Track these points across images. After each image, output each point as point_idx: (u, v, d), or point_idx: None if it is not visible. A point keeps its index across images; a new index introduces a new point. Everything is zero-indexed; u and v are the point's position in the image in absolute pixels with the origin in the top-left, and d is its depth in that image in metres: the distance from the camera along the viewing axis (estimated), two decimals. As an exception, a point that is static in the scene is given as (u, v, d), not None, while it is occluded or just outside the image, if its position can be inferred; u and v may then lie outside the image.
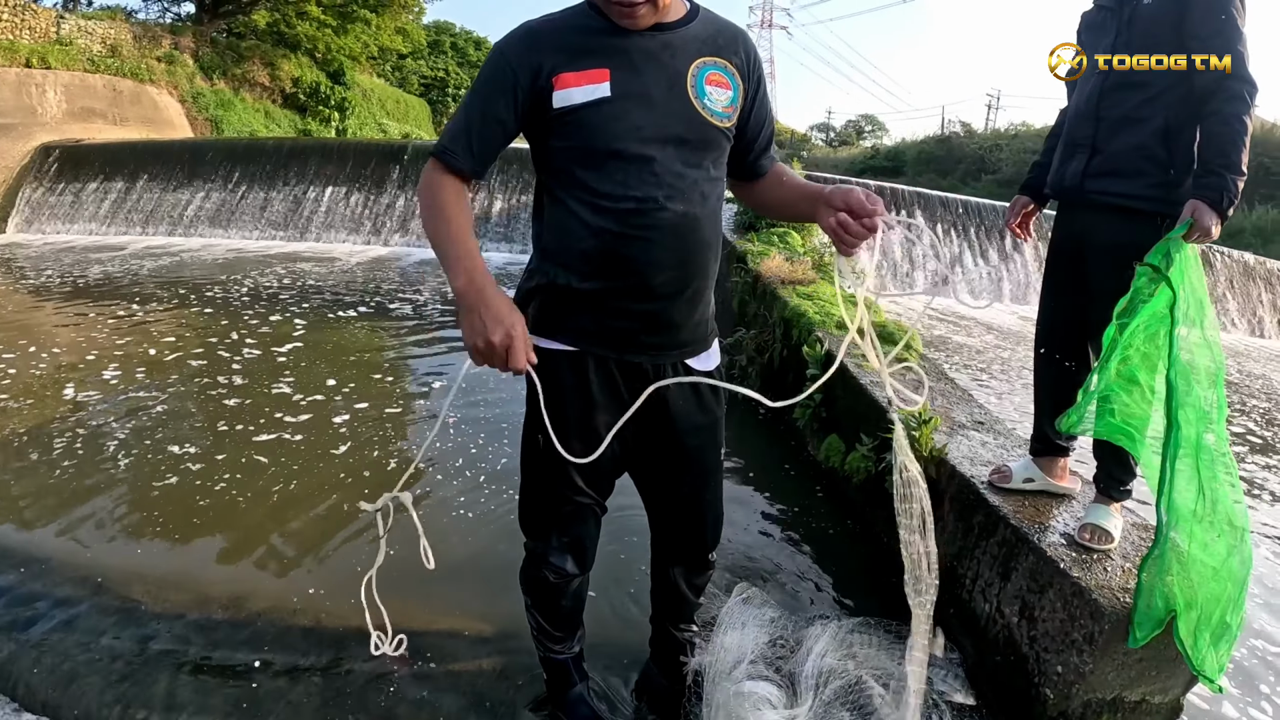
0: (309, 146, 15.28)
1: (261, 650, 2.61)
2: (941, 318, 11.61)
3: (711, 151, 1.83)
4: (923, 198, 14.81)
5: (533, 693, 2.48)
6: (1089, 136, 2.65)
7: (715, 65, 1.80)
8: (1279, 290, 17.26)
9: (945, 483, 3.14)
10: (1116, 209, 2.57)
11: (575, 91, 1.68)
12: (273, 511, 3.47)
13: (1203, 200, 2.29)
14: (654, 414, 1.93)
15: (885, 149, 51.38)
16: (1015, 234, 3.04)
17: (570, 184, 1.76)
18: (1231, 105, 2.32)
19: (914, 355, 4.41)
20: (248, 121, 25.03)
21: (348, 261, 10.97)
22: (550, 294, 1.84)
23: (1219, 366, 2.16)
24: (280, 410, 4.65)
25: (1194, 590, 2.14)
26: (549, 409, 1.81)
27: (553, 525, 2.08)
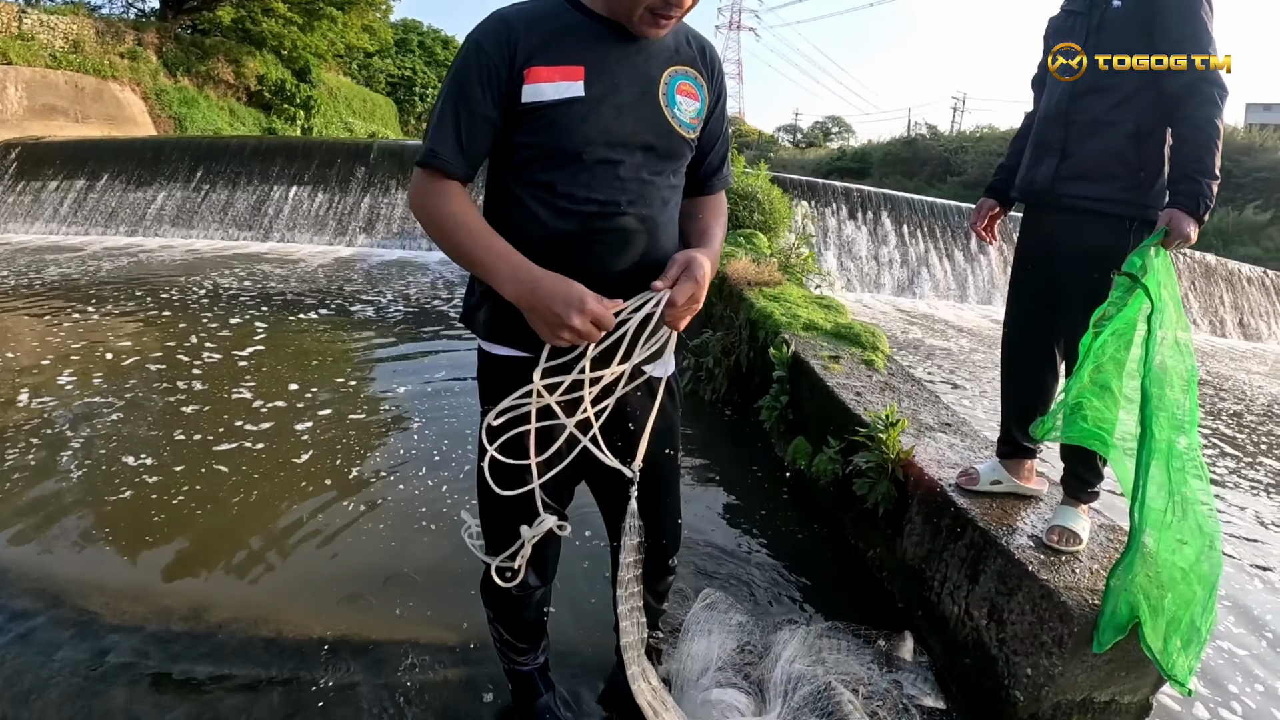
0: (273, 145, 15.08)
1: (222, 663, 2.54)
2: (915, 321, 11.68)
3: (675, 161, 1.81)
4: (889, 199, 14.92)
5: (499, 704, 2.44)
6: (1060, 140, 2.64)
7: (686, 75, 1.78)
8: (1240, 290, 17.64)
9: (912, 485, 3.13)
10: (1087, 212, 2.57)
11: (547, 87, 1.61)
12: (233, 522, 3.38)
13: (1179, 208, 2.30)
14: (614, 422, 1.90)
15: (852, 150, 51.89)
16: (981, 236, 3.03)
17: (530, 183, 1.69)
18: (1204, 110, 2.33)
19: (880, 357, 4.41)
20: (212, 119, 24.74)
21: (311, 262, 10.83)
22: (499, 299, 1.73)
23: (1191, 371, 2.17)
24: (241, 418, 4.55)
25: (1162, 595, 2.15)
26: (507, 419, 1.78)
27: (515, 539, 2.02)
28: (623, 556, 1.98)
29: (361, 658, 2.59)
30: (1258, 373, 12.97)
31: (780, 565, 3.44)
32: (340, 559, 3.16)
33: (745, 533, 3.75)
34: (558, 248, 1.68)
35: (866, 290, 13.58)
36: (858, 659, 2.65)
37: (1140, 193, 2.48)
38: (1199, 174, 2.30)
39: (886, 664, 2.68)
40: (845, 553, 3.59)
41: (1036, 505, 2.90)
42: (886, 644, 2.78)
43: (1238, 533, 4.93)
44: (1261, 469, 6.78)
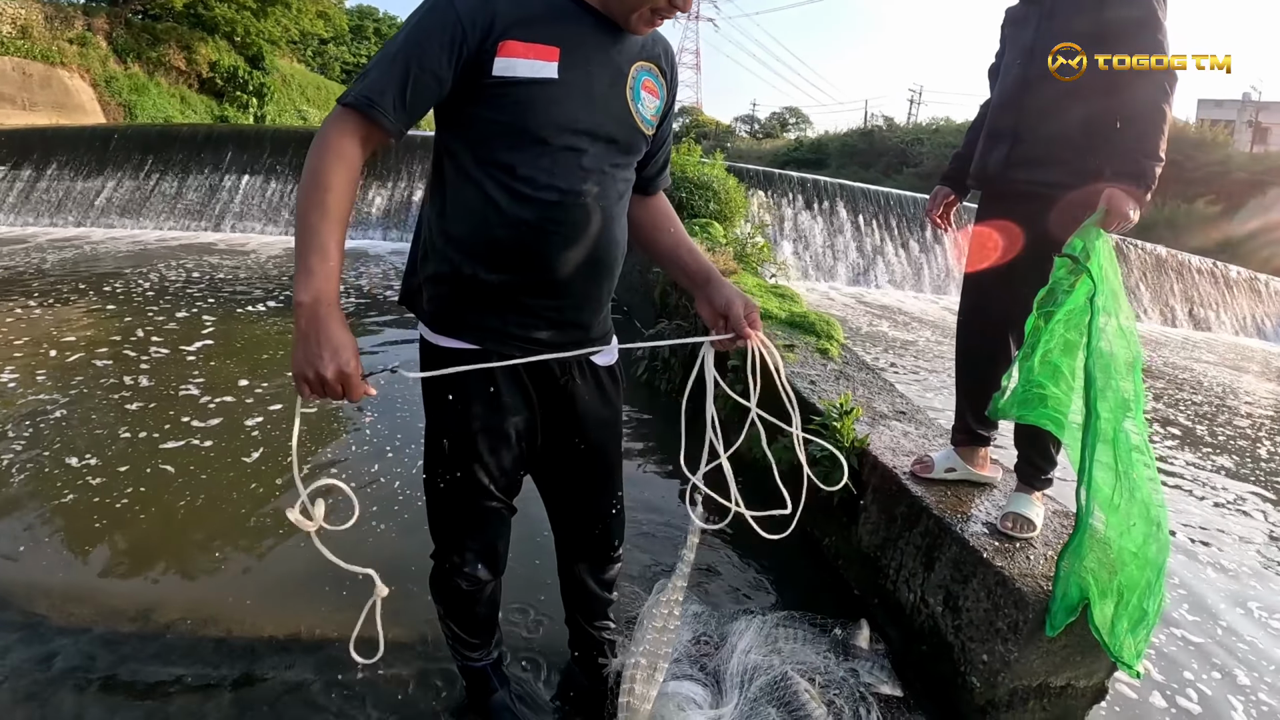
0: (225, 133, 14.83)
1: (171, 664, 2.48)
2: (870, 310, 11.74)
3: (633, 155, 1.78)
4: (844, 189, 15.02)
5: (454, 700, 2.40)
6: (1011, 126, 2.65)
7: (650, 72, 1.76)
8: (1189, 281, 18.04)
9: (867, 473, 3.13)
10: (1037, 197, 2.57)
11: (520, 63, 1.55)
12: (180, 522, 3.30)
13: (1119, 186, 2.29)
14: (561, 412, 1.89)
15: (809, 141, 52.18)
16: (936, 224, 3.03)
17: (488, 162, 1.62)
18: (1151, 93, 2.33)
19: (835, 345, 4.40)
20: (163, 107, 24.27)
21: (262, 253, 10.63)
22: (452, 285, 1.71)
23: (1136, 356, 2.18)
24: (189, 414, 4.45)
25: (1111, 577, 2.16)
26: (455, 413, 1.76)
27: (465, 533, 1.98)
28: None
29: (313, 655, 2.54)
30: (1207, 361, 13.21)
31: (736, 555, 3.43)
32: (290, 557, 3.10)
33: (703, 523, 3.71)
34: (513, 234, 1.64)
35: (822, 280, 13.65)
36: (814, 648, 2.64)
37: (1092, 178, 2.46)
38: (1142, 154, 2.30)
39: (843, 653, 2.67)
40: (801, 541, 3.58)
41: (991, 493, 2.92)
42: (843, 633, 2.78)
43: (1190, 519, 5.01)
44: (1212, 456, 6.91)
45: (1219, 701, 2.99)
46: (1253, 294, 19.65)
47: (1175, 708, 2.92)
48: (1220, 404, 9.45)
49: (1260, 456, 7.23)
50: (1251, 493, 5.95)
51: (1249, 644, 3.47)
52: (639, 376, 5.53)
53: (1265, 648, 3.48)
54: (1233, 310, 18.81)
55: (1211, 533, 4.83)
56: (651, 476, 4.20)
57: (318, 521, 1.58)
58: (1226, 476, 6.28)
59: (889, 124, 49.09)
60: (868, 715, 2.42)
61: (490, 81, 1.55)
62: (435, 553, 2.05)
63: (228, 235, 12.24)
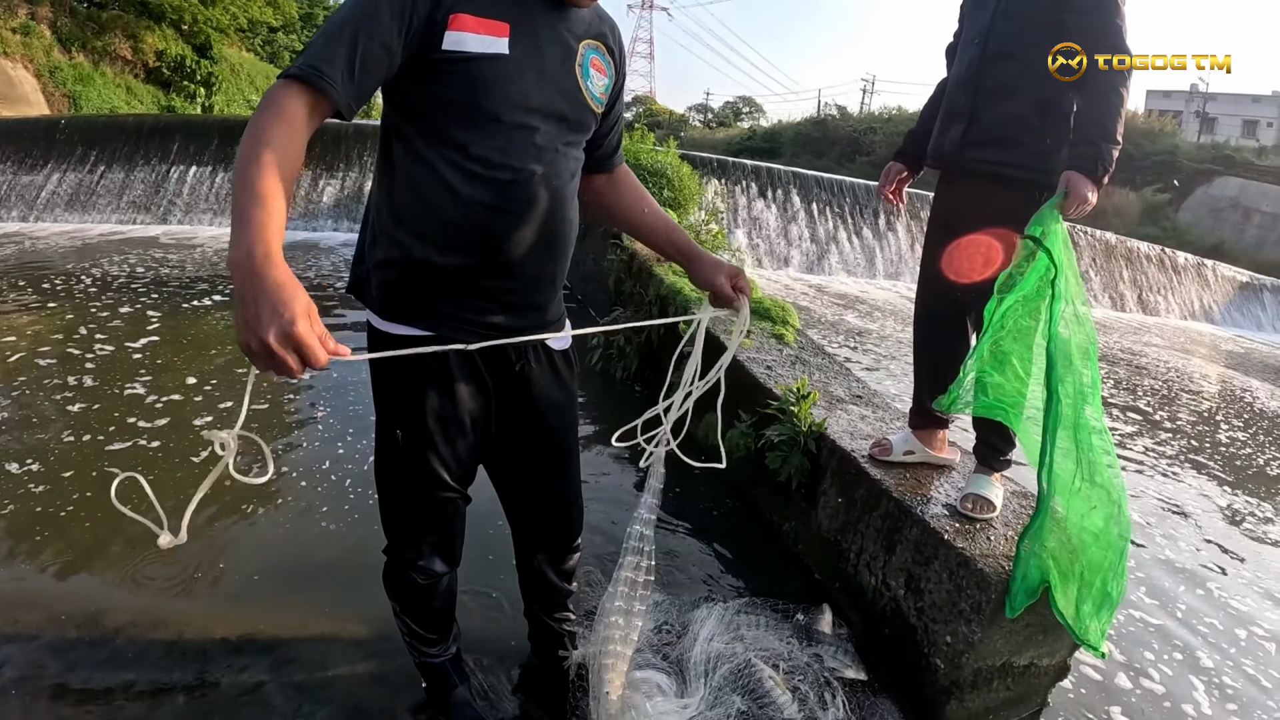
0: (172, 123, 14.43)
1: (122, 669, 2.41)
2: (824, 296, 11.79)
3: (583, 133, 1.76)
4: (798, 177, 15.07)
5: (413, 698, 2.35)
6: (968, 105, 2.64)
7: (598, 50, 1.74)
8: (1139, 268, 18.44)
9: (826, 457, 3.12)
10: (993, 177, 2.57)
11: (471, 38, 1.50)
12: (127, 525, 3.18)
13: (1077, 169, 2.29)
14: (516, 397, 1.86)
15: (762, 130, 52.51)
16: (888, 200, 3.01)
17: (440, 142, 1.57)
18: (1109, 78, 2.33)
19: (791, 331, 4.39)
20: (108, 98, 23.68)
21: (209, 246, 10.37)
22: (404, 269, 1.66)
23: (1091, 342, 2.18)
24: (135, 414, 4.31)
25: (1073, 560, 2.17)
26: (407, 401, 1.72)
27: (420, 525, 1.94)
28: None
29: (267, 656, 2.48)
30: (1155, 345, 13.45)
31: (696, 543, 3.41)
32: (241, 556, 3.02)
33: (660, 511, 3.69)
34: (466, 215, 1.60)
35: (776, 267, 13.68)
36: (776, 634, 2.63)
37: (1046, 159, 2.47)
38: (1099, 138, 2.31)
39: (806, 638, 2.66)
40: (761, 528, 3.58)
41: (950, 474, 2.92)
42: (805, 618, 2.76)
43: (1146, 501, 5.08)
44: (1165, 437, 7.02)
45: (1180, 680, 3.04)
46: (1200, 280, 20.10)
47: (1139, 688, 2.96)
48: (1172, 387, 9.62)
49: (1213, 438, 7.37)
50: (1207, 474, 6.07)
51: (1208, 625, 3.52)
52: (593, 365, 5.49)
53: (1225, 628, 3.55)
54: (1180, 295, 19.22)
55: (1168, 514, 4.89)
56: (609, 465, 4.17)
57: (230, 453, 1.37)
58: (1181, 459, 6.40)
59: (842, 113, 49.58)
60: (832, 700, 2.41)
61: (440, 56, 1.50)
62: (388, 547, 2.00)
63: (175, 228, 11.94)
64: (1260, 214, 29.72)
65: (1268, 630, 3.60)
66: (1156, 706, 2.90)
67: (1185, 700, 2.95)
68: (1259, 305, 21.16)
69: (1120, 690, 2.92)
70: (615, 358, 5.33)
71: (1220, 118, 44.18)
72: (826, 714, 2.36)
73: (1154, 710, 2.87)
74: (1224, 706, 2.96)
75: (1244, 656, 3.33)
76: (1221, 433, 7.65)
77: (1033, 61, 2.49)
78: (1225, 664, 3.22)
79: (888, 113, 43.99)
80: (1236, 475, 6.26)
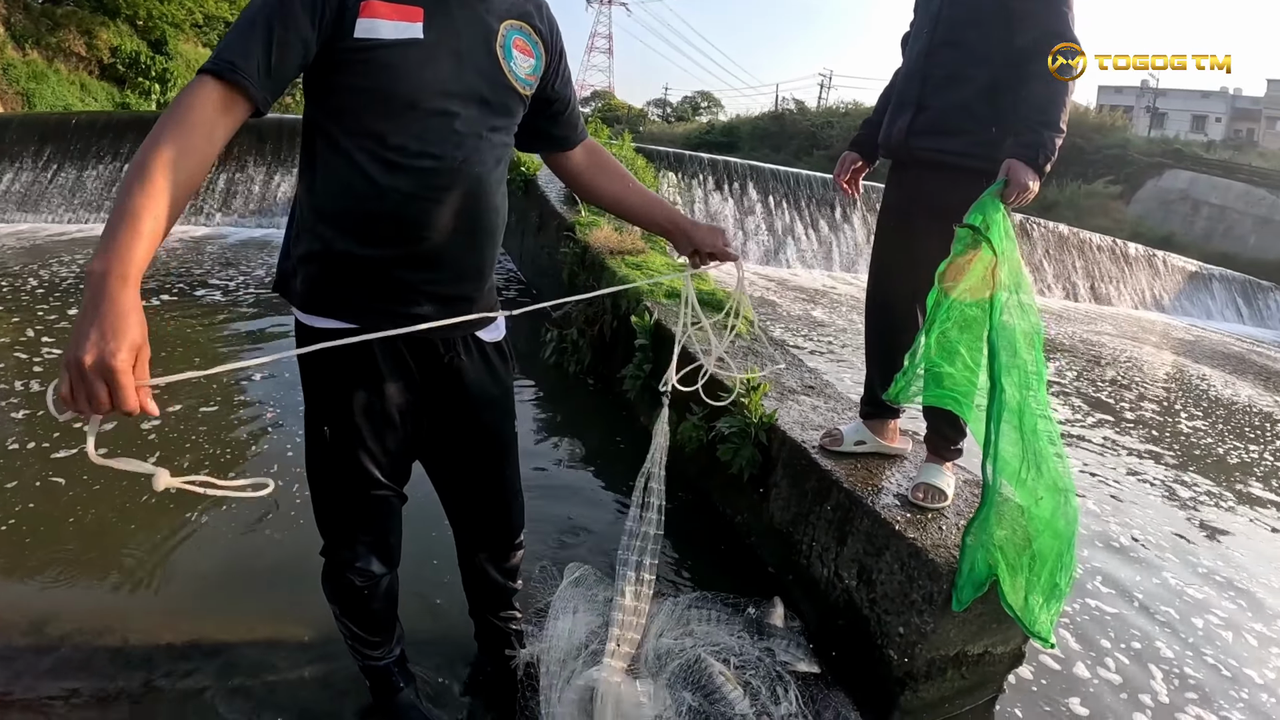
0: (124, 120, 14.11)
1: (67, 677, 2.35)
2: (781, 287, 11.80)
3: (509, 117, 1.71)
4: (754, 170, 15.08)
5: (359, 701, 2.31)
6: (915, 94, 2.63)
7: (522, 31, 1.69)
8: (1091, 258, 18.82)
9: (776, 449, 3.09)
10: (940, 165, 2.56)
11: (384, 24, 1.46)
12: (73, 531, 3.08)
13: (1017, 157, 2.27)
14: (447, 391, 1.81)
15: (721, 125, 52.84)
16: (844, 189, 2.98)
17: (357, 132, 1.52)
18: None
19: (744, 323, 4.36)
20: (62, 95, 23.18)
21: (162, 244, 10.20)
22: (326, 262, 1.60)
23: (1036, 330, 2.17)
24: (79, 419, 4.09)
25: (1021, 551, 2.16)
26: (333, 397, 1.68)
27: (354, 525, 1.89)
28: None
29: (212, 661, 2.43)
30: (1107, 334, 13.64)
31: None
32: (186, 560, 2.96)
33: (611, 505, 3.68)
34: (386, 205, 1.54)
35: (734, 258, 13.67)
36: (728, 628, 2.58)
37: (993, 148, 2.44)
38: (1041, 125, 2.29)
39: (758, 632, 2.63)
40: (714, 520, 3.54)
41: (902, 464, 2.90)
42: (756, 611, 2.73)
43: (1101, 490, 5.12)
44: (1118, 425, 7.10)
45: (1136, 667, 3.06)
46: (1150, 269, 20.51)
47: (1096, 676, 2.96)
48: (1127, 375, 9.75)
49: (1169, 426, 7.46)
50: (1163, 462, 6.15)
51: (1165, 612, 3.55)
52: (547, 359, 5.43)
53: (1181, 615, 3.58)
54: (1132, 285, 19.59)
55: (1124, 503, 4.94)
56: (557, 461, 4.12)
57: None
58: (1137, 447, 6.48)
59: (800, 108, 50.00)
60: (785, 694, 2.38)
61: (353, 45, 1.46)
62: (325, 549, 1.96)
63: None
64: (1209, 206, 30.39)
65: (1223, 618, 3.64)
66: (1113, 692, 2.91)
67: (1142, 688, 2.96)
68: (1208, 294, 21.67)
69: (1077, 678, 2.93)
70: (569, 351, 5.27)
71: (1170, 113, 45.22)
72: (779, 708, 2.33)
73: (1111, 696, 2.88)
74: (1182, 695, 2.98)
75: (1203, 644, 3.36)
76: (1178, 420, 7.77)
77: (980, 50, 2.48)
78: (1185, 654, 3.25)
79: (845, 107, 44.51)
80: (1190, 461, 6.35)
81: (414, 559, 2.21)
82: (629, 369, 4.27)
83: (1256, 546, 4.66)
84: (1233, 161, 32.20)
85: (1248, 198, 29.73)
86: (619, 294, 4.72)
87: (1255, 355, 15.36)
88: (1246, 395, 10.09)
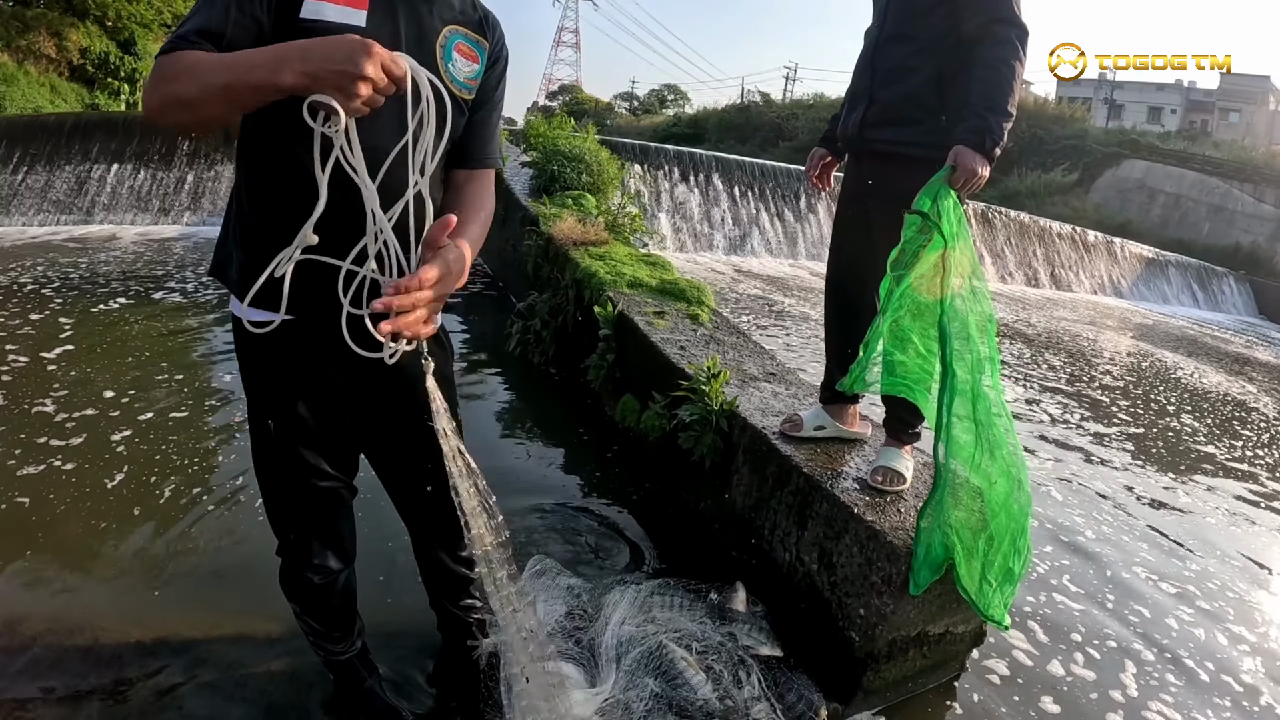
0: (93, 121, 13.83)
1: (39, 677, 2.35)
2: (746, 277, 11.83)
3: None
4: (719, 161, 15.14)
5: (325, 693, 2.33)
6: (867, 87, 2.65)
7: (466, 37, 1.67)
8: (1051, 245, 19.15)
9: (737, 435, 3.10)
10: (893, 156, 2.58)
11: (329, 8, 1.45)
12: (44, 530, 3.07)
13: (964, 143, 2.29)
14: (385, 382, 1.78)
15: (687, 117, 52.91)
16: (815, 185, 3.02)
17: (294, 119, 1.41)
18: (999, 49, 2.34)
19: (705, 311, 4.38)
20: (32, 97, 22.75)
21: (130, 245, 9.88)
22: (256, 253, 1.57)
23: (988, 316, 2.19)
24: (46, 433, 3.93)
25: (975, 537, 2.19)
26: (275, 390, 1.69)
27: (307, 520, 1.90)
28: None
29: (181, 658, 2.44)
30: (1066, 319, 13.81)
31: (613, 526, 3.39)
32: (153, 561, 2.94)
33: (576, 495, 3.68)
34: (327, 198, 1.46)
35: (700, 250, 13.71)
36: (690, 615, 2.60)
37: (943, 136, 2.45)
38: (988, 110, 2.31)
39: (720, 617, 2.64)
40: (677, 508, 3.56)
41: (862, 448, 2.92)
42: (718, 597, 2.74)
43: (1062, 471, 5.19)
44: (1081, 409, 7.17)
45: (1106, 663, 3.10)
46: (1109, 256, 20.85)
47: (1070, 674, 3.00)
48: (1086, 359, 9.88)
49: (1128, 409, 7.56)
50: (1119, 446, 6.23)
51: (1137, 612, 3.58)
52: (511, 351, 5.41)
53: (1139, 589, 3.67)
54: (1091, 271, 19.90)
55: (1087, 490, 5.00)
56: (522, 452, 4.13)
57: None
58: (1098, 431, 6.55)
59: (765, 100, 50.07)
60: (747, 678, 2.40)
61: (299, 26, 1.43)
62: (280, 548, 1.96)
63: (96, 228, 11.40)
64: (1164, 194, 30.88)
65: (1175, 589, 3.73)
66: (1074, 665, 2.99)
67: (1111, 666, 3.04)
68: (1164, 280, 22.09)
69: (1052, 676, 2.97)
70: (533, 343, 5.26)
71: (1127, 104, 45.95)
72: (741, 692, 2.34)
73: (1076, 670, 2.96)
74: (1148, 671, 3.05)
75: (1163, 614, 3.46)
76: (1135, 403, 7.88)
77: (926, 40, 2.50)
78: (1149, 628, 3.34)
79: (810, 99, 44.56)
80: (1150, 444, 6.47)
81: (373, 553, 2.22)
82: (592, 359, 4.28)
83: (1213, 524, 4.79)
84: (1187, 152, 32.71)
85: (1202, 186, 30.28)
86: (583, 285, 4.72)
87: (1209, 339, 15.66)
88: (1215, 381, 10.33)
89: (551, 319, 5.09)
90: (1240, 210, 29.22)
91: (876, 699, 2.53)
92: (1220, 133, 38.79)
